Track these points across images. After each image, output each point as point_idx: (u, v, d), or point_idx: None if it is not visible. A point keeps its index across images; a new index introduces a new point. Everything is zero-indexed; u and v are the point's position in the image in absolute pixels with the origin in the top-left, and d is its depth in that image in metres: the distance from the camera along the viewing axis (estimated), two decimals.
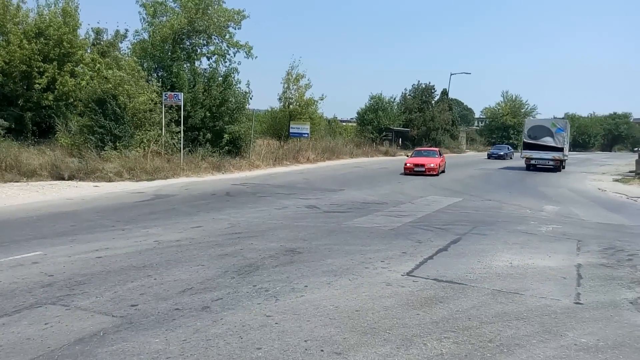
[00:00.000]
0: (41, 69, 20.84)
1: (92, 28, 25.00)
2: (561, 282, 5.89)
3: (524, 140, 28.79)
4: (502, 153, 41.87)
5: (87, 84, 19.27)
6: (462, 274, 6.07)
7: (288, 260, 6.50)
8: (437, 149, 27.69)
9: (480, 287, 5.53)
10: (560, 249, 7.75)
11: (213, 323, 4.29)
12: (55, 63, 21.12)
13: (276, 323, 4.32)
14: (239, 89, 23.69)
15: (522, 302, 5.07)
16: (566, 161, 29.55)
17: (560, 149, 27.58)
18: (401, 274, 5.99)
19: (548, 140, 27.57)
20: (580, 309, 4.94)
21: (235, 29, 23.97)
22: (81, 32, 23.44)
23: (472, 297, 5.20)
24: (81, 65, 21.70)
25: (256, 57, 24.91)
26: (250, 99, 24.24)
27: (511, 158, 41.68)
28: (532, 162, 28.01)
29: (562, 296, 5.33)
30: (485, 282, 5.73)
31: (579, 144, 77.92)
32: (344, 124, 52.01)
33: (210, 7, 22.68)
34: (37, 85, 20.53)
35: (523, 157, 28.67)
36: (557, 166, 27.87)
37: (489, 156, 42.18)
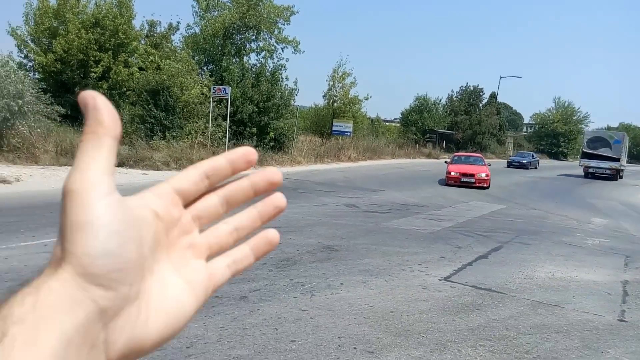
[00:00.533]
0: (97, 58, 21.64)
1: (146, 20, 25.83)
2: (605, 297, 5.70)
3: (583, 150, 30.94)
4: (524, 161, 35.69)
5: (140, 75, 19.92)
6: (502, 282, 5.96)
7: (325, 257, 6.56)
8: (480, 154, 24.35)
9: (519, 297, 5.42)
10: (607, 264, 7.48)
11: (250, 313, 4.40)
12: (110, 53, 21.90)
13: (311, 318, 4.39)
14: (286, 86, 23.94)
15: (562, 315, 4.94)
16: (623, 171, 31.14)
17: (617, 159, 29.19)
18: (438, 278, 5.94)
19: (606, 151, 29.47)
20: (624, 327, 4.77)
21: (284, 25, 24.21)
22: (136, 24, 24.25)
23: (511, 306, 5.11)
24: (135, 55, 22.46)
25: (303, 52, 25.07)
26: (296, 95, 24.45)
27: (535, 167, 36.18)
28: (590, 170, 29.70)
29: (605, 312, 5.16)
30: (525, 293, 5.62)
31: (633, 156, 74.49)
32: (387, 124, 51.57)
33: (260, 3, 22.98)
34: (93, 74, 21.36)
35: (581, 165, 30.47)
36: (614, 175, 29.24)
37: (509, 164, 35.68)
